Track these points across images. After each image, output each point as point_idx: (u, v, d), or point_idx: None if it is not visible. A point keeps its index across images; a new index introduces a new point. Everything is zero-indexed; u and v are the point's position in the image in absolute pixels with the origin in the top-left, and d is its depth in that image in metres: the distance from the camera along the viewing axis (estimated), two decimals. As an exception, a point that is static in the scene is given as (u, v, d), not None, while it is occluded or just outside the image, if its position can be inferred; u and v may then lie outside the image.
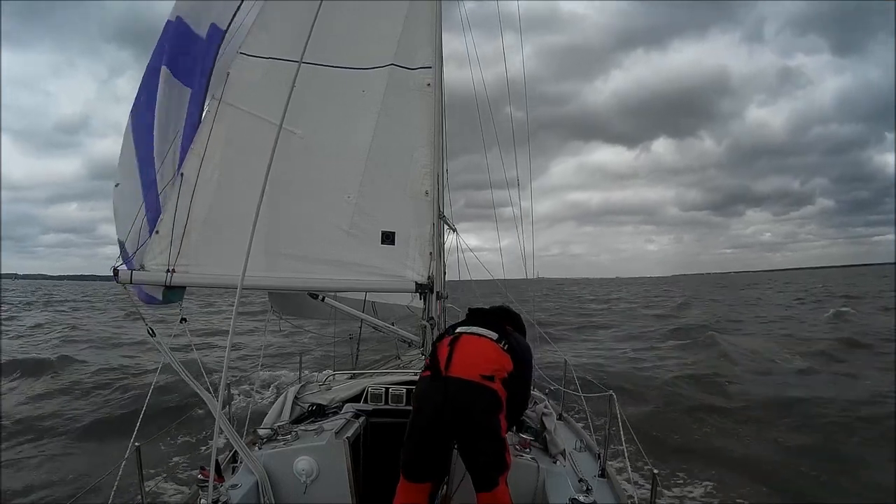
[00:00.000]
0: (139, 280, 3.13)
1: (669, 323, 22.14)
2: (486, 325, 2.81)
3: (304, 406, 4.28)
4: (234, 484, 2.94)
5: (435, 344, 2.83)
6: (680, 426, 8.30)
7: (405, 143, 3.54)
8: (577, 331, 20.96)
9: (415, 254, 3.50)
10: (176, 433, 7.55)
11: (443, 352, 2.66)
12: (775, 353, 14.35)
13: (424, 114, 3.55)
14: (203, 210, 3.20)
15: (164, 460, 6.88)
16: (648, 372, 12.11)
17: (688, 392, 10.25)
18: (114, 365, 13.14)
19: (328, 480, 3.07)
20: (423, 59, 3.56)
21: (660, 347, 16.00)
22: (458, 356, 2.61)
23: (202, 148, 3.21)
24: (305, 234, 3.39)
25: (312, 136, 3.41)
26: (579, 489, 2.88)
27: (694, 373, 11.76)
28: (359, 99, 3.49)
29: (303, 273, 3.38)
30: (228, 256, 3.07)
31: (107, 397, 10.36)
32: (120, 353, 15.24)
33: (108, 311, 33.63)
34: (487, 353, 2.67)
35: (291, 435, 3.43)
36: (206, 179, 3.21)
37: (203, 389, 3.03)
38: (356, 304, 5.18)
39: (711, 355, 13.88)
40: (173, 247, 3.14)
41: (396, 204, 3.51)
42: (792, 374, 11.76)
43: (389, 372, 5.19)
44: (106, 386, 11.07)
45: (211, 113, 3.25)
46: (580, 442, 3.82)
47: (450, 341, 2.71)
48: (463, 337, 2.73)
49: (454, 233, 4.81)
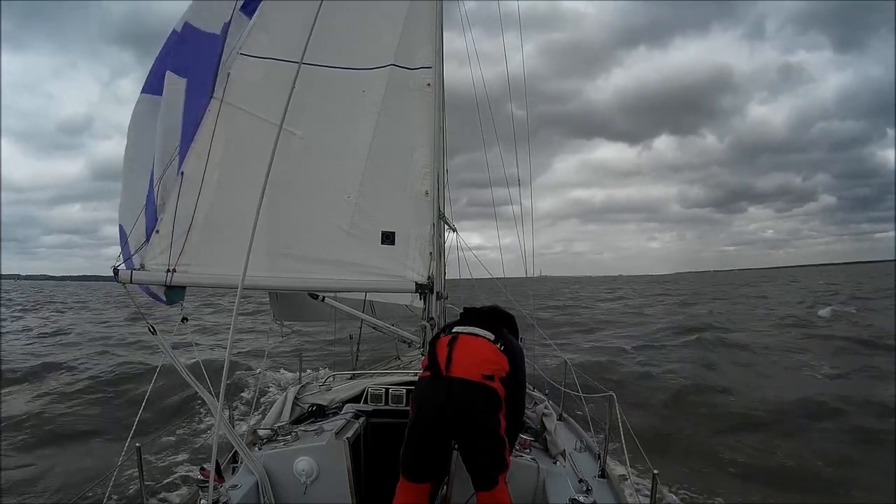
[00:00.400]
0: (139, 280, 3.13)
1: (673, 323, 21.91)
2: (481, 326, 2.81)
3: (304, 406, 4.28)
4: (234, 484, 2.94)
5: (432, 343, 2.82)
6: (680, 426, 8.31)
7: (405, 143, 3.54)
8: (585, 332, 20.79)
9: (415, 254, 3.50)
10: (176, 433, 7.57)
11: (442, 352, 2.65)
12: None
13: (424, 114, 3.55)
14: (204, 210, 3.20)
15: (164, 460, 6.88)
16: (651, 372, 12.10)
17: (688, 390, 10.26)
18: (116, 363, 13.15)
19: (328, 481, 3.07)
20: (424, 59, 3.56)
21: (666, 346, 15.92)
22: (458, 356, 2.60)
23: (203, 148, 3.21)
24: (305, 234, 3.39)
25: (312, 136, 3.41)
26: (579, 489, 2.88)
27: (694, 372, 11.77)
28: (359, 99, 3.49)
29: (303, 273, 3.38)
30: (229, 256, 3.07)
31: (107, 397, 10.39)
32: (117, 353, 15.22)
33: (105, 312, 33.51)
34: (486, 352, 2.68)
35: (291, 435, 3.44)
36: (206, 179, 3.21)
37: (204, 389, 3.03)
38: (356, 305, 5.18)
39: (713, 356, 13.89)
40: (174, 247, 3.14)
41: (396, 204, 3.51)
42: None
43: (389, 372, 5.19)
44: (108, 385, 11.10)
45: (212, 113, 3.25)
46: (580, 442, 3.83)
47: (448, 341, 2.70)
48: (461, 337, 2.72)
49: (454, 233, 4.82)
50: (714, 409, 9.14)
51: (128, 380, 11.48)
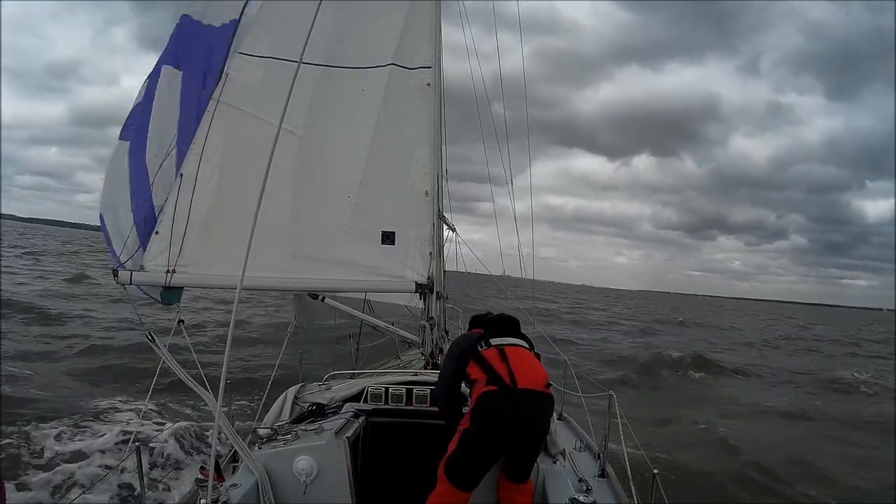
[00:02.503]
0: (139, 281, 3.12)
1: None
2: (516, 336, 2.89)
3: (303, 406, 4.27)
4: (234, 484, 2.93)
5: (477, 357, 2.75)
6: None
7: (405, 142, 3.54)
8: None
9: (415, 254, 3.50)
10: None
11: (499, 365, 2.66)
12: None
13: (424, 113, 3.55)
14: (203, 210, 3.20)
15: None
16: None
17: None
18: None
19: (328, 480, 3.07)
20: (423, 59, 3.56)
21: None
22: (519, 369, 2.65)
23: (201, 148, 3.21)
24: (305, 234, 3.39)
25: (312, 136, 3.41)
26: (579, 489, 2.88)
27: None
28: (358, 98, 3.49)
29: (303, 273, 3.38)
30: (228, 257, 3.07)
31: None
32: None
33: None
34: (536, 362, 2.80)
35: (291, 435, 3.43)
36: (205, 180, 3.21)
37: (203, 389, 3.03)
38: (356, 304, 5.17)
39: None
40: (173, 247, 3.14)
41: (396, 204, 3.51)
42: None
43: (389, 372, 5.19)
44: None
45: (210, 113, 3.25)
46: (580, 442, 3.82)
47: (499, 354, 2.72)
48: (510, 349, 2.77)
49: (454, 233, 4.82)
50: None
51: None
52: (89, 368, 10.94)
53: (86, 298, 19.44)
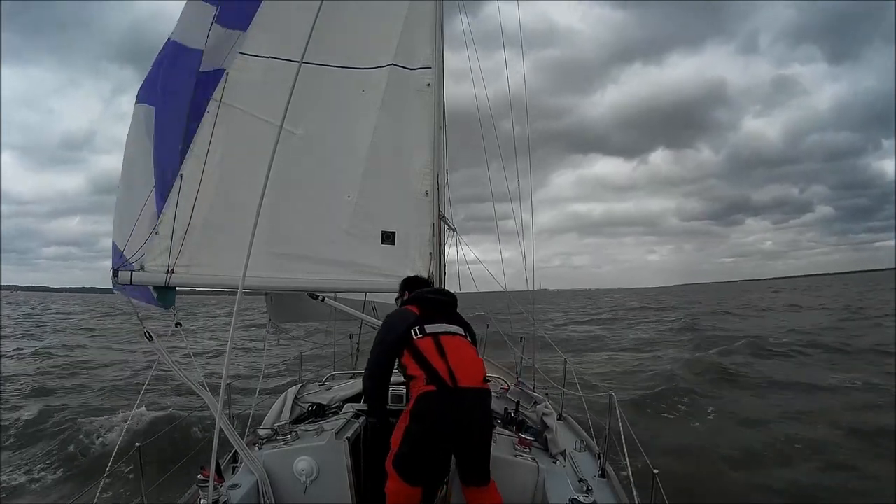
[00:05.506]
0: (139, 281, 3.12)
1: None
2: (451, 318, 2.80)
3: (304, 406, 4.28)
4: (234, 484, 2.94)
5: (411, 346, 2.64)
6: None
7: (405, 142, 3.54)
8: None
9: (415, 254, 3.51)
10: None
11: (436, 361, 2.55)
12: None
13: (424, 114, 3.56)
14: (203, 211, 3.20)
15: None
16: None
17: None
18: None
19: (328, 480, 3.07)
20: (424, 60, 3.56)
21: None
22: (458, 365, 2.55)
23: (202, 149, 3.21)
24: (306, 234, 3.39)
25: (312, 136, 3.41)
26: (579, 489, 2.87)
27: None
28: (359, 99, 3.49)
29: (303, 273, 3.38)
30: (229, 257, 3.07)
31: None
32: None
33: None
34: (473, 353, 2.74)
35: (291, 435, 3.43)
36: (206, 180, 3.21)
37: (203, 390, 3.03)
38: (356, 305, 5.17)
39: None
40: (173, 248, 3.14)
41: (396, 204, 3.51)
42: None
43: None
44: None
45: (211, 113, 3.25)
46: (580, 442, 3.82)
47: (435, 346, 2.60)
48: (445, 339, 2.65)
49: (454, 233, 4.80)
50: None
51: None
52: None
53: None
